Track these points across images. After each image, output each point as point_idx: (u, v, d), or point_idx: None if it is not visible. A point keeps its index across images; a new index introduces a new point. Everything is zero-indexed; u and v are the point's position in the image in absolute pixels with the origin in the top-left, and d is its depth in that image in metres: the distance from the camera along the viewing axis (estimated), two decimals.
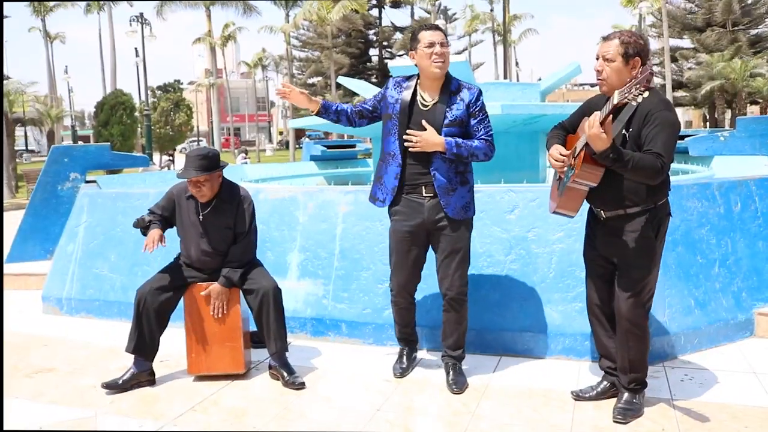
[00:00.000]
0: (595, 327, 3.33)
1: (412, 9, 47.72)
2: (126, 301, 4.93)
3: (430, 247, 3.58)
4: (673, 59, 38.60)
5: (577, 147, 3.01)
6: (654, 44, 39.03)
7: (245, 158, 25.69)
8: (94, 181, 6.99)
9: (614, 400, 3.20)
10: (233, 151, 41.48)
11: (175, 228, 3.91)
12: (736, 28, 39.40)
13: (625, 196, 2.98)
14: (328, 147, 11.26)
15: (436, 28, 3.44)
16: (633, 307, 3.04)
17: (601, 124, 2.74)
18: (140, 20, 27.84)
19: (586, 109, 3.19)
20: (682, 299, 3.90)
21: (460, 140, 3.34)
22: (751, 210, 4.48)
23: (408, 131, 3.32)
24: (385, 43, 48.01)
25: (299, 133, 42.88)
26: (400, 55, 46.18)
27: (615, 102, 2.72)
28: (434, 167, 3.38)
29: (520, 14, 48.90)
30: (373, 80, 42.59)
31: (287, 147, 43.08)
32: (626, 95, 2.65)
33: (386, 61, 46.89)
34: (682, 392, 3.34)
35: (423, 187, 3.42)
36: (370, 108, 3.60)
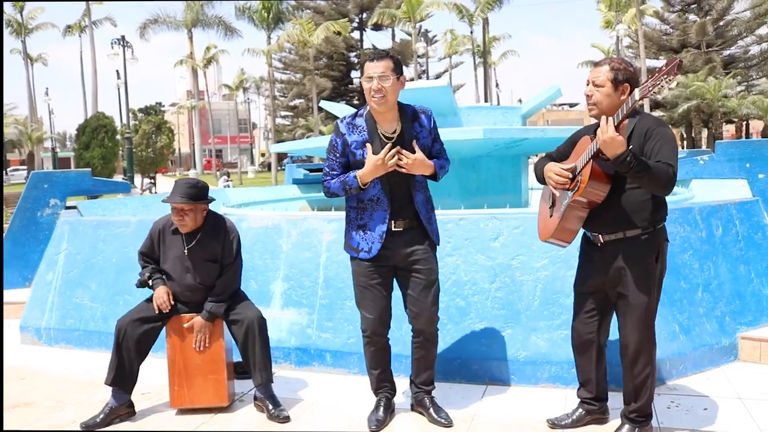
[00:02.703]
0: (580, 359, 3.29)
1: (393, 32, 48.16)
2: (107, 331, 4.84)
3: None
4: None
5: (578, 165, 2.97)
6: None
7: (227, 181, 25.55)
8: (74, 207, 6.91)
9: (593, 427, 3.20)
10: (215, 173, 41.30)
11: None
12: (710, 49, 40.19)
13: (626, 218, 2.94)
14: (311, 170, 11.24)
15: (380, 58, 3.20)
16: (639, 335, 3.01)
17: (616, 129, 2.72)
18: (122, 43, 27.78)
19: (576, 138, 3.17)
20: (667, 325, 3.91)
21: (437, 161, 3.30)
22: (732, 234, 4.52)
23: (401, 151, 3.14)
24: None
25: (281, 155, 42.83)
26: None
27: (637, 98, 2.65)
28: (416, 200, 3.28)
29: (499, 35, 49.46)
30: (355, 102, 42.75)
31: (269, 169, 43.00)
32: (651, 88, 2.60)
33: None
34: (669, 420, 3.34)
35: (393, 222, 3.26)
36: (343, 169, 3.31)
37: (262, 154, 68.45)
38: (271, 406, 3.58)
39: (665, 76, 2.57)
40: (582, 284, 3.22)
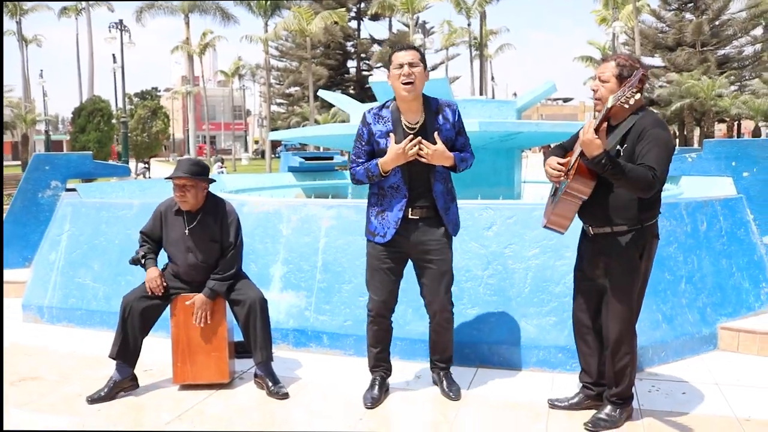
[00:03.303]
0: (579, 343, 3.44)
1: (391, 22, 48.18)
2: (109, 310, 4.98)
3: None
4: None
5: (572, 160, 3.10)
6: None
7: (222, 167, 25.65)
8: (74, 189, 7.01)
9: (588, 411, 3.35)
10: (209, 159, 41.32)
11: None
12: (705, 48, 40.41)
13: (614, 214, 3.06)
14: (307, 158, 11.34)
15: (409, 48, 3.39)
16: (619, 326, 3.16)
17: (596, 131, 2.85)
18: (119, 27, 27.69)
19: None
20: (651, 314, 4.08)
21: (458, 154, 3.43)
22: (716, 229, 4.70)
23: (422, 141, 3.27)
24: (363, 55, 48.36)
25: (275, 143, 42.84)
26: (377, 68, 46.58)
27: (609, 106, 2.80)
28: (435, 189, 3.41)
29: (496, 29, 49.51)
30: (351, 91, 42.79)
31: (263, 156, 43.01)
32: (620, 98, 2.75)
33: (364, 73, 47.15)
34: (649, 402, 3.52)
35: (410, 210, 3.42)
36: (368, 157, 3.47)
37: (256, 142, 68.43)
38: (270, 384, 3.73)
39: (631, 88, 2.74)
40: (577, 269, 3.39)
